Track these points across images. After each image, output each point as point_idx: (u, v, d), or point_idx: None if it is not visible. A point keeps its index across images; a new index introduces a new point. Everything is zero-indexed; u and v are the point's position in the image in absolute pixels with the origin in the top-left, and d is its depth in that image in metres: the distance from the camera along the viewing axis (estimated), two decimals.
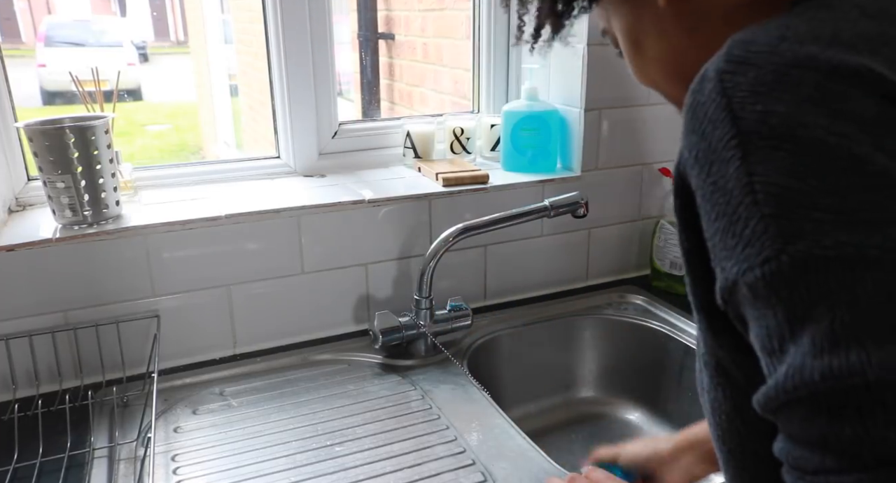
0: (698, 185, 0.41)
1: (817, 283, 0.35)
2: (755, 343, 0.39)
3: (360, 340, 1.17)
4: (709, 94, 0.41)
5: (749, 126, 0.38)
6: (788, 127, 0.37)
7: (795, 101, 0.38)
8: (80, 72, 1.12)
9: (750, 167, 0.38)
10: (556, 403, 1.26)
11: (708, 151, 0.40)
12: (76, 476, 0.84)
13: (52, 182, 0.97)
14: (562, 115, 1.31)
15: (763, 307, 0.37)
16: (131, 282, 1.04)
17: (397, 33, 2.43)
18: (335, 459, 0.87)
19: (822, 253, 0.35)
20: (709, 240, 0.41)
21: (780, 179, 0.37)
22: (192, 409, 0.98)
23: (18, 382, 0.99)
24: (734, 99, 0.39)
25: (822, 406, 0.35)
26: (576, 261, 1.37)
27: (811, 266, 0.35)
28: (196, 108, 5.80)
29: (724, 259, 0.39)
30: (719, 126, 0.39)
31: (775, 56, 0.39)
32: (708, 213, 0.41)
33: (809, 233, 0.35)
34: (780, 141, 0.37)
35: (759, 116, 0.38)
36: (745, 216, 0.38)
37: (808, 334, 0.35)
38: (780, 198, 0.37)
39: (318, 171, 1.29)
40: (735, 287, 0.39)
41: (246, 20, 4.09)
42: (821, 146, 0.37)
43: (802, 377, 0.35)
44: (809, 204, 0.36)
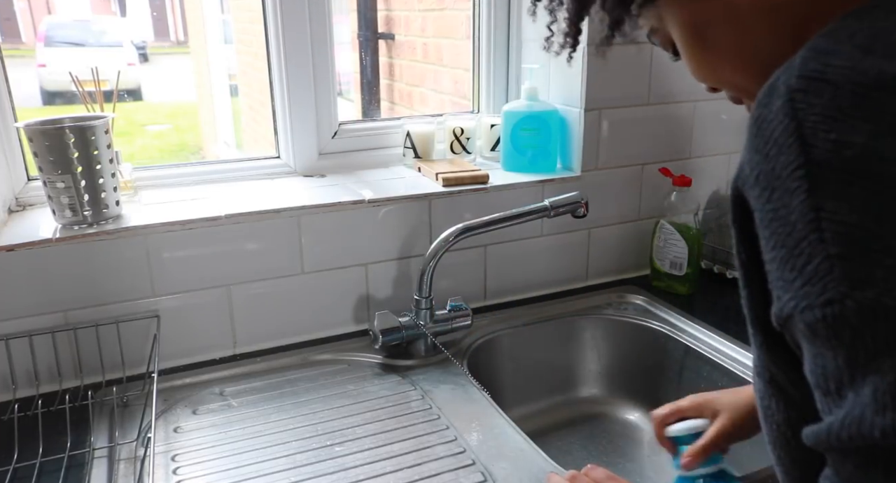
0: (757, 207, 0.38)
1: (885, 334, 0.33)
2: (809, 376, 0.37)
3: (360, 340, 1.17)
4: (777, 112, 0.37)
5: (820, 156, 0.35)
6: (865, 160, 0.34)
7: (876, 132, 0.34)
8: (80, 72, 1.12)
9: (817, 201, 0.35)
10: (556, 403, 1.26)
11: (771, 176, 0.37)
12: (76, 476, 0.84)
13: (52, 182, 0.97)
14: (562, 115, 1.31)
15: (821, 346, 0.35)
16: (131, 282, 1.04)
17: (397, 33, 2.43)
18: (335, 459, 0.87)
19: (893, 303, 0.33)
20: (767, 263, 0.39)
21: (851, 218, 0.34)
22: (192, 409, 0.98)
23: (18, 382, 0.99)
24: (805, 123, 0.35)
25: (879, 460, 0.33)
26: (576, 261, 1.37)
27: (880, 315, 0.33)
28: (196, 108, 5.80)
29: (781, 289, 0.37)
30: (786, 151, 0.36)
31: (857, 74, 0.35)
32: (767, 238, 0.38)
33: (881, 280, 0.33)
34: (854, 175, 0.34)
35: (833, 146, 0.34)
36: (809, 252, 0.35)
37: (869, 385, 0.33)
38: (851, 238, 0.34)
39: (318, 171, 1.29)
40: (790, 319, 0.37)
41: (246, 20, 4.09)
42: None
43: (861, 430, 0.33)
44: (882, 248, 0.33)
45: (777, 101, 0.37)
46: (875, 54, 0.35)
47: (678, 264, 1.30)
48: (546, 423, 1.22)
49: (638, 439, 1.20)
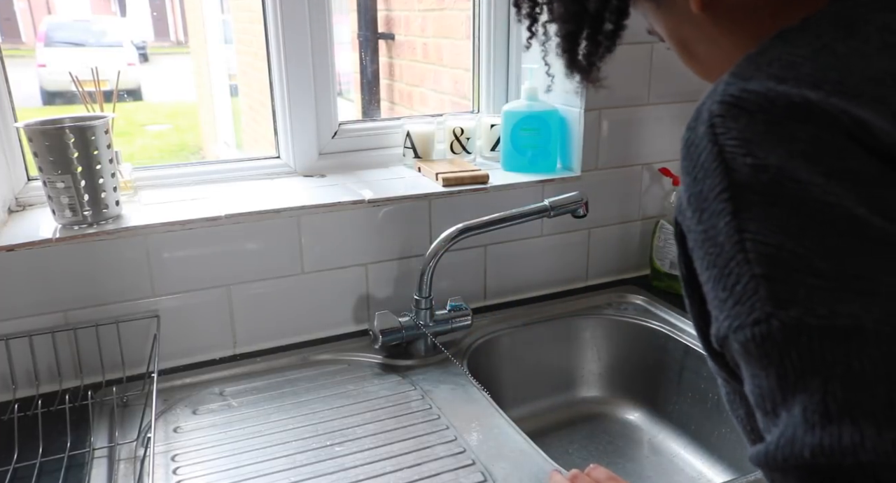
0: (690, 227, 0.40)
1: (810, 353, 0.33)
2: (749, 397, 0.38)
3: (360, 340, 1.17)
4: (701, 136, 0.39)
5: (741, 179, 0.36)
6: (780, 184, 0.35)
7: (788, 156, 0.35)
8: (80, 72, 1.12)
9: (741, 223, 0.36)
10: (556, 403, 1.26)
11: (700, 198, 0.38)
12: (76, 476, 0.84)
13: (52, 182, 0.97)
14: (562, 115, 1.31)
15: (755, 366, 0.36)
16: (131, 282, 1.04)
17: (397, 33, 2.43)
18: (335, 459, 0.87)
19: (816, 322, 0.33)
20: (703, 283, 0.40)
21: (772, 239, 0.35)
22: (192, 409, 0.98)
23: (18, 382, 0.99)
24: (725, 147, 0.37)
25: (815, 479, 0.33)
26: (576, 261, 1.37)
27: (804, 334, 0.33)
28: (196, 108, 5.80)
29: (717, 308, 0.38)
30: (711, 174, 0.38)
31: (768, 101, 0.37)
32: (700, 259, 0.39)
33: (803, 299, 0.34)
34: (773, 197, 0.35)
35: (751, 170, 0.36)
36: (737, 272, 0.36)
37: (799, 404, 0.33)
38: (773, 259, 0.35)
39: (318, 171, 1.29)
40: (726, 340, 0.37)
41: (246, 20, 4.09)
42: (817, 205, 0.34)
43: (793, 450, 0.33)
44: (804, 267, 0.34)
45: (701, 127, 0.39)
46: (787, 83, 0.37)
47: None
48: (546, 423, 1.22)
49: (638, 439, 1.20)
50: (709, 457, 1.12)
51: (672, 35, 0.55)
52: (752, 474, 0.83)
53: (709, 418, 1.13)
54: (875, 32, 0.39)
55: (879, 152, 0.35)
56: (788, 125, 0.36)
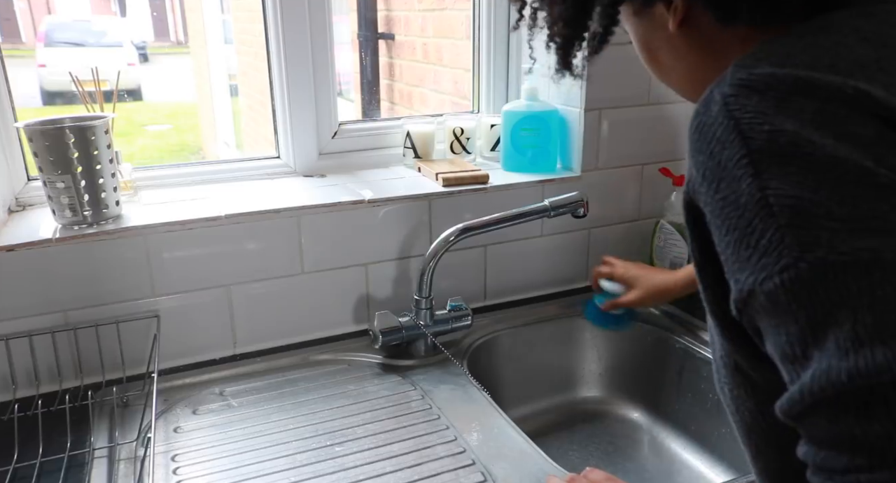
0: (707, 201, 0.43)
1: (837, 288, 0.36)
2: (773, 352, 0.40)
3: (360, 340, 1.17)
4: (715, 116, 0.42)
5: (759, 145, 0.40)
6: (797, 144, 0.39)
7: (800, 123, 0.39)
8: (80, 72, 1.12)
9: (763, 182, 0.39)
10: (556, 403, 1.26)
11: (717, 169, 0.42)
12: (76, 476, 0.84)
13: (52, 182, 0.97)
14: (562, 115, 1.31)
15: (783, 314, 0.38)
16: (131, 282, 1.04)
17: (397, 33, 2.43)
18: (335, 459, 0.87)
19: (840, 258, 0.36)
20: (721, 253, 0.42)
21: (794, 191, 0.38)
22: (192, 409, 0.98)
23: (18, 382, 0.99)
24: (742, 120, 0.41)
25: (850, 406, 0.35)
26: (576, 261, 1.37)
27: (830, 272, 0.36)
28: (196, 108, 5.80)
29: (739, 271, 0.40)
30: (728, 146, 0.41)
31: (776, 81, 0.41)
32: (719, 227, 0.42)
33: (826, 240, 0.37)
34: (790, 157, 0.39)
35: (769, 135, 0.40)
36: (761, 228, 0.39)
37: (831, 338, 0.36)
38: (795, 208, 0.38)
39: (318, 171, 1.29)
40: (751, 297, 0.40)
41: (246, 20, 4.09)
42: (830, 160, 0.38)
43: (829, 379, 0.35)
44: (824, 213, 0.37)
45: (714, 107, 0.43)
46: (788, 66, 0.42)
47: (678, 264, 1.30)
48: (546, 423, 1.22)
49: (638, 439, 1.20)
50: (709, 457, 1.12)
51: (641, 41, 0.60)
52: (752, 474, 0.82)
53: (709, 418, 1.13)
54: (850, 32, 0.44)
55: (880, 116, 0.39)
56: (796, 99, 0.40)
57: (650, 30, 0.57)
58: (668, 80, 0.61)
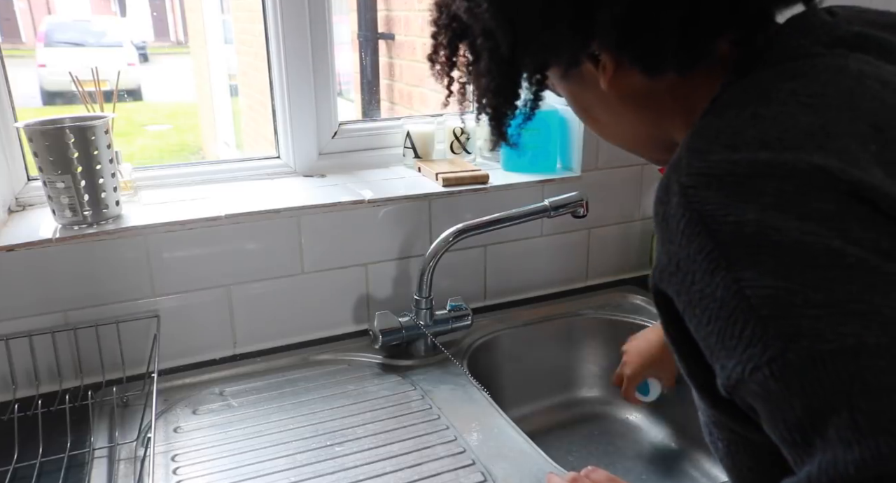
0: (681, 291, 0.43)
1: (828, 376, 0.36)
2: (772, 434, 0.39)
3: (360, 340, 1.17)
4: (676, 208, 0.42)
5: (725, 237, 0.40)
6: (763, 233, 0.39)
7: (762, 208, 0.39)
8: (80, 72, 1.12)
9: (736, 274, 0.39)
10: (556, 403, 1.26)
11: (688, 262, 0.41)
12: (76, 476, 0.84)
13: (52, 182, 0.97)
14: (562, 115, 1.31)
15: (777, 402, 0.38)
16: (131, 282, 1.04)
17: (397, 33, 2.43)
18: (335, 459, 0.87)
19: (827, 347, 0.36)
20: (702, 340, 0.42)
21: (768, 281, 0.38)
22: (192, 409, 0.98)
23: (18, 382, 0.99)
24: (705, 214, 0.41)
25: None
26: (576, 261, 1.37)
27: (818, 360, 0.36)
28: (196, 108, 5.80)
29: (725, 358, 0.40)
30: (695, 239, 0.41)
31: (733, 166, 0.41)
32: (698, 317, 0.42)
33: (809, 329, 0.36)
34: (758, 247, 0.39)
35: (734, 227, 0.39)
36: (743, 319, 0.39)
37: (832, 426, 0.35)
38: (773, 299, 0.38)
39: (318, 171, 1.29)
40: (741, 384, 0.39)
41: (246, 20, 4.09)
42: (798, 245, 0.38)
43: (838, 471, 0.35)
44: (801, 302, 0.37)
45: (674, 198, 0.43)
46: (741, 150, 0.42)
47: None
48: (546, 423, 1.22)
49: (638, 439, 1.20)
50: (709, 457, 1.12)
51: (576, 101, 0.60)
52: None
53: None
54: (788, 97, 0.44)
55: (837, 189, 0.39)
56: (755, 183, 0.40)
57: (582, 90, 0.58)
58: (609, 137, 0.62)
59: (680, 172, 0.43)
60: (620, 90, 0.55)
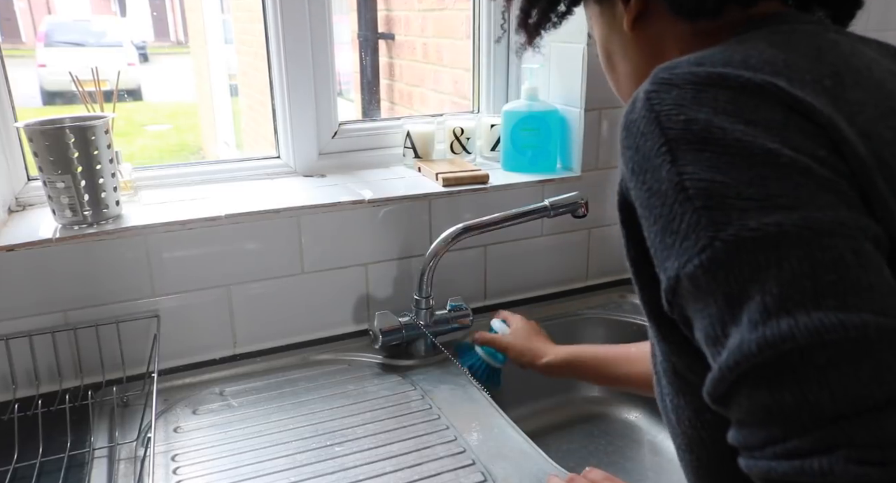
0: (637, 195, 0.46)
1: (749, 263, 0.38)
2: (701, 339, 0.42)
3: (360, 340, 1.17)
4: (639, 111, 0.46)
5: (675, 134, 0.43)
6: (709, 131, 0.42)
7: (713, 112, 0.43)
8: (80, 72, 1.12)
9: (679, 168, 0.42)
10: (556, 403, 1.26)
11: (642, 161, 0.45)
12: (76, 476, 0.84)
13: (52, 182, 0.97)
14: (562, 115, 1.31)
15: (705, 296, 0.40)
16: (131, 282, 1.04)
17: (397, 33, 2.43)
18: (335, 459, 0.87)
19: (750, 234, 0.39)
20: (651, 246, 0.45)
21: (707, 174, 0.41)
22: (192, 409, 0.98)
23: (18, 382, 0.99)
24: (661, 113, 0.44)
25: (762, 378, 0.37)
26: (576, 261, 1.37)
27: (742, 248, 0.39)
28: (196, 108, 5.80)
29: (665, 259, 0.43)
30: (650, 138, 0.44)
31: (693, 76, 0.45)
32: (647, 218, 0.45)
33: (736, 219, 0.39)
34: (703, 143, 0.42)
35: (684, 124, 0.43)
36: (681, 212, 0.42)
37: (745, 313, 0.38)
38: (709, 191, 0.41)
39: (318, 171, 1.29)
40: (678, 284, 0.42)
41: (246, 20, 4.10)
42: (739, 144, 0.41)
43: (742, 351, 0.37)
44: (734, 194, 0.40)
45: (638, 104, 0.46)
46: (705, 65, 0.45)
47: None
48: (546, 423, 1.22)
49: (638, 439, 1.20)
50: None
51: (603, 44, 0.65)
52: None
53: None
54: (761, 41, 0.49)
55: (785, 103, 0.43)
56: (710, 90, 0.44)
57: (610, 31, 0.63)
58: (616, 83, 0.66)
59: (645, 83, 0.47)
60: (641, 37, 0.59)
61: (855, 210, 0.40)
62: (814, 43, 0.49)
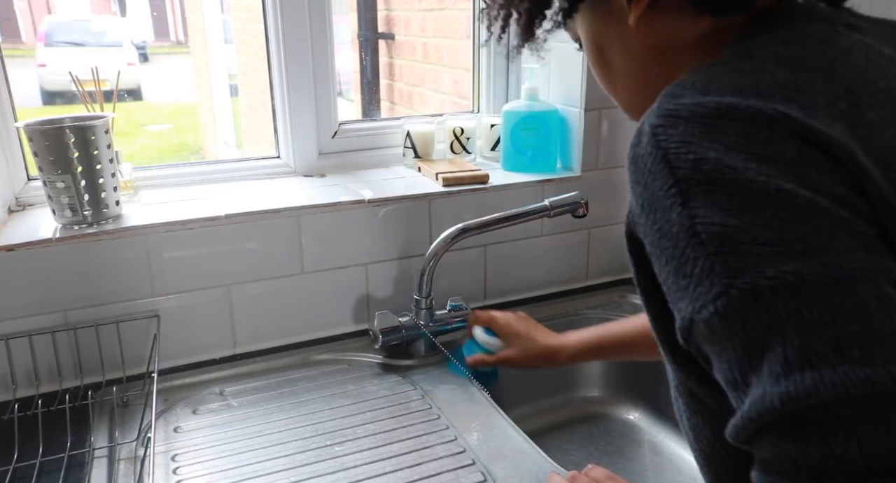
0: (646, 232, 0.44)
1: (767, 312, 0.37)
2: (720, 379, 0.41)
3: (360, 340, 1.17)
4: (645, 147, 0.43)
5: (685, 174, 0.41)
6: (720, 171, 0.40)
7: (724, 148, 0.40)
8: (80, 72, 1.12)
9: (691, 211, 0.40)
10: (556, 403, 1.26)
11: (651, 200, 0.43)
12: (76, 476, 0.84)
13: (52, 182, 0.97)
14: (562, 114, 1.31)
15: (721, 341, 0.39)
16: (131, 282, 1.04)
17: (397, 33, 2.43)
18: (335, 459, 0.87)
19: (767, 283, 0.37)
20: (663, 283, 0.43)
21: (719, 218, 0.39)
22: (192, 409, 0.98)
23: (18, 382, 0.99)
24: (669, 151, 0.42)
25: (787, 430, 0.36)
26: (576, 261, 1.37)
27: (759, 296, 0.37)
28: (196, 108, 5.80)
29: (679, 300, 0.41)
30: (658, 177, 0.42)
31: (701, 108, 0.42)
32: (658, 257, 0.43)
33: (753, 265, 0.38)
34: (714, 185, 0.40)
35: (693, 164, 0.41)
36: (693, 257, 0.40)
37: (766, 363, 0.37)
38: (722, 235, 0.39)
39: (318, 171, 1.29)
40: (692, 325, 0.40)
41: (246, 20, 4.10)
42: (752, 185, 0.39)
43: (764, 404, 0.36)
44: (749, 239, 0.38)
45: (644, 138, 0.44)
46: (712, 94, 0.43)
47: None
48: (546, 423, 1.22)
49: (638, 439, 1.20)
50: None
51: (595, 37, 0.60)
52: None
53: None
54: (770, 56, 0.46)
55: (799, 135, 0.40)
56: (719, 124, 0.41)
57: (606, 26, 0.58)
58: (613, 84, 0.61)
59: (651, 115, 0.44)
60: (646, 32, 0.55)
61: (875, 251, 0.38)
62: (826, 54, 0.46)
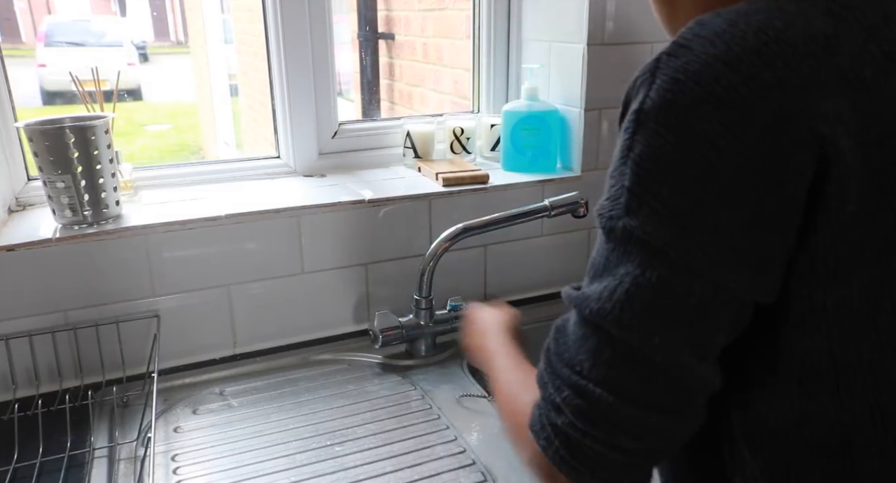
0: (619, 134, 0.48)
1: (628, 254, 0.44)
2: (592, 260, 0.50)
3: (360, 340, 1.17)
4: (646, 66, 0.45)
5: (649, 107, 0.43)
6: (679, 122, 0.42)
7: (702, 97, 0.41)
8: (80, 72, 1.12)
9: (633, 142, 0.44)
10: None
11: (622, 110, 0.47)
12: (76, 476, 0.84)
13: (52, 182, 0.97)
14: (562, 114, 1.31)
15: (600, 242, 0.47)
16: (131, 282, 1.04)
17: (397, 33, 2.43)
18: (335, 459, 0.87)
19: (641, 236, 0.43)
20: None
21: (646, 164, 0.43)
22: (192, 409, 0.98)
23: (18, 382, 0.99)
24: (656, 79, 0.43)
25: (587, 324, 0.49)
26: (576, 261, 1.37)
27: (632, 240, 0.44)
28: (196, 108, 5.80)
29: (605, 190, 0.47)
30: (635, 98, 0.45)
31: (711, 46, 0.41)
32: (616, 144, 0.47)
33: (644, 216, 0.43)
34: (666, 130, 0.42)
35: (662, 103, 0.42)
36: (617, 177, 0.45)
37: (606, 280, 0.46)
38: (640, 178, 0.43)
39: (318, 171, 1.29)
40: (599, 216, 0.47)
41: (246, 20, 4.09)
42: (692, 150, 0.41)
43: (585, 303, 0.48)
44: (655, 193, 0.42)
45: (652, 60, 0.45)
46: (737, 26, 0.41)
47: None
48: None
49: None
50: None
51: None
52: None
53: None
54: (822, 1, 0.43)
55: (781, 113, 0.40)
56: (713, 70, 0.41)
57: None
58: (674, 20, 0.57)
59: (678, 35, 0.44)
60: None
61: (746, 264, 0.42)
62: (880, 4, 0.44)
